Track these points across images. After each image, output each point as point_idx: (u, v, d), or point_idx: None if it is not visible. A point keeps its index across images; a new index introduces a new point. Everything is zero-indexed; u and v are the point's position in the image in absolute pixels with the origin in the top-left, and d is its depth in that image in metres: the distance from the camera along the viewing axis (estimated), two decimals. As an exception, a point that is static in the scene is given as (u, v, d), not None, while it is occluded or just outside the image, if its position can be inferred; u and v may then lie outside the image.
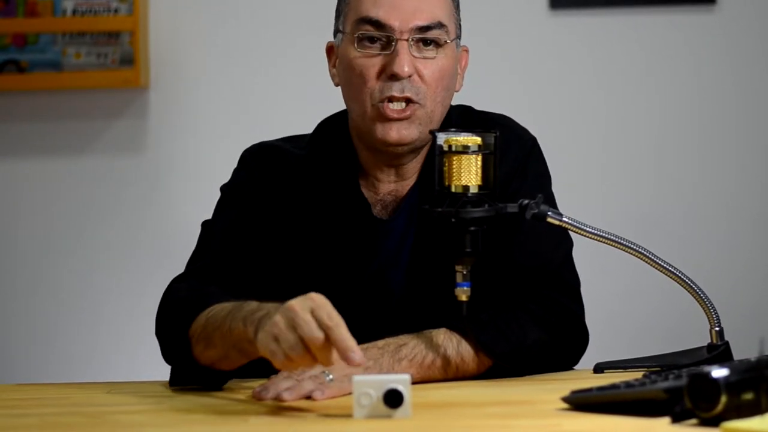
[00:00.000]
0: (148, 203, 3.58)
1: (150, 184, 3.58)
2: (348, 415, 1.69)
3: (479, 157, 1.92)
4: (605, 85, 3.52)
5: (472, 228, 1.91)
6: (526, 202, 1.94)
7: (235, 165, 2.24)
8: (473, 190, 1.91)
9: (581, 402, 1.70)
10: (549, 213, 1.95)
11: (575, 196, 3.26)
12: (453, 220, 1.90)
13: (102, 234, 3.57)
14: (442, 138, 1.93)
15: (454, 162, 1.91)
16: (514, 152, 2.12)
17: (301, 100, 3.45)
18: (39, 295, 3.59)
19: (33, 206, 3.60)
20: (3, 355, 3.60)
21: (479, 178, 1.92)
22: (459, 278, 1.93)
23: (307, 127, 2.26)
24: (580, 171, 3.49)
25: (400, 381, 1.68)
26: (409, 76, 2.05)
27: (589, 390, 1.71)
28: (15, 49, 3.55)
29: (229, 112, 3.57)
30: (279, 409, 1.79)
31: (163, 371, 2.30)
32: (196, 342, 1.94)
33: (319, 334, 1.69)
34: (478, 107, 2.24)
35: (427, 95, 2.06)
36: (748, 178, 3.50)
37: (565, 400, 1.72)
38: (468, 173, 1.91)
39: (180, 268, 2.18)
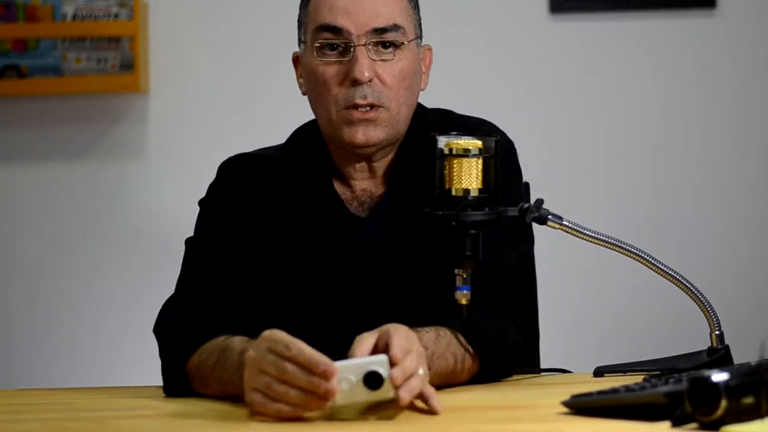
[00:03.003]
0: (147, 208, 3.57)
1: (149, 190, 3.58)
2: (349, 418, 1.69)
3: (480, 161, 1.92)
4: (605, 90, 3.52)
5: (473, 231, 1.91)
6: (526, 205, 1.94)
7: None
8: (474, 193, 1.91)
9: (582, 406, 1.70)
10: (549, 217, 1.95)
11: (575, 199, 3.26)
12: (453, 223, 1.90)
13: (101, 239, 3.57)
14: (442, 141, 1.93)
15: (455, 165, 1.91)
16: None
17: (300, 106, 3.41)
18: (39, 301, 3.59)
19: (33, 211, 3.60)
20: (4, 360, 3.60)
21: (480, 182, 1.92)
22: (459, 282, 1.93)
23: (307, 132, 2.27)
24: (581, 175, 3.48)
25: (379, 362, 1.70)
26: (370, 80, 2.07)
27: (590, 394, 1.71)
28: (15, 55, 3.56)
29: (229, 117, 3.57)
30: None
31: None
32: (192, 379, 1.98)
33: (287, 366, 1.70)
34: (477, 111, 2.24)
35: (390, 98, 2.09)
36: (748, 181, 3.50)
37: (565, 404, 1.72)
38: (468, 176, 1.91)
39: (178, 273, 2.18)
